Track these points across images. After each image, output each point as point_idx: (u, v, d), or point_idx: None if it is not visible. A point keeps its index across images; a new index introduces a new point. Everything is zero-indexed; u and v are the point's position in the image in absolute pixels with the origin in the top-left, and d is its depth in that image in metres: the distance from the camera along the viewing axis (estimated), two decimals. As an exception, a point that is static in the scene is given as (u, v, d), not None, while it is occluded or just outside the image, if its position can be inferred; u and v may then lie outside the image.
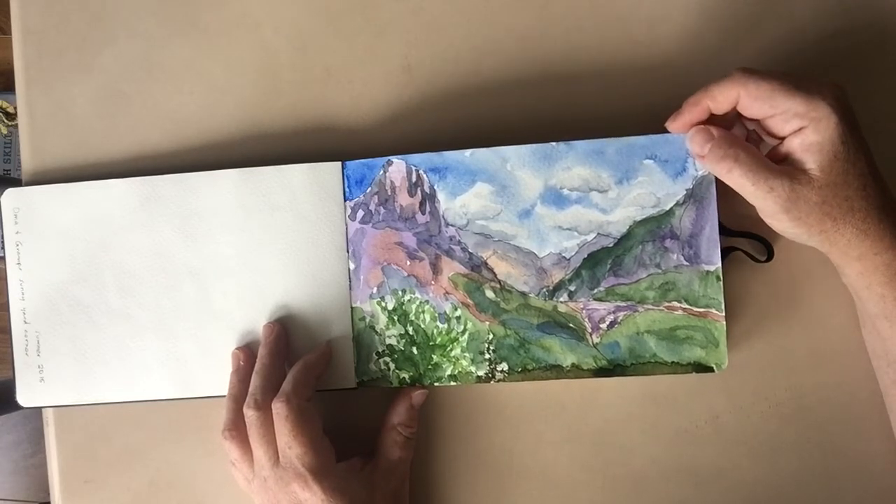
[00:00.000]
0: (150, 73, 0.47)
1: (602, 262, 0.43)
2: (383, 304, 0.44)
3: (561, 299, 0.43)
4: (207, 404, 0.46)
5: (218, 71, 0.47)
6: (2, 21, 1.21)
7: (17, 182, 0.47)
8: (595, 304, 0.43)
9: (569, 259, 0.43)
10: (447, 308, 0.44)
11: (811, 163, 0.37)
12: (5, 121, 1.19)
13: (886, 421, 0.43)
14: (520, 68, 0.46)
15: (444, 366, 0.44)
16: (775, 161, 0.39)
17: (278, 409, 0.40)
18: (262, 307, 0.45)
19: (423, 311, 0.44)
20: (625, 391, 0.45)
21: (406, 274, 0.44)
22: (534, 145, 0.43)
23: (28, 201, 0.46)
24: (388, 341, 0.44)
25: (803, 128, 0.37)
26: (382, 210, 0.44)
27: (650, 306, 0.43)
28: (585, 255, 0.43)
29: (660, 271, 0.43)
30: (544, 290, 0.43)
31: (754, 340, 0.45)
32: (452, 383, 0.44)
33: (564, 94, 0.46)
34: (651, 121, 0.43)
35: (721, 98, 0.39)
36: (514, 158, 0.43)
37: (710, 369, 0.42)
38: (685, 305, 0.42)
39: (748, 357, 0.45)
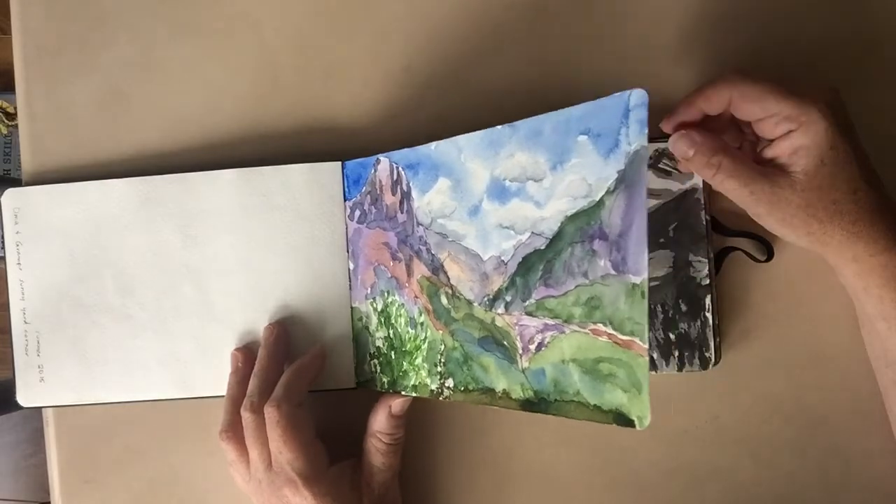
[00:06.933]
0: (150, 73, 0.47)
1: (534, 268, 0.35)
2: (374, 305, 0.43)
3: (498, 311, 0.37)
4: (207, 404, 0.45)
5: (218, 71, 0.47)
6: (2, 21, 1.21)
7: (17, 182, 0.47)
8: (526, 320, 0.36)
9: (506, 263, 0.37)
10: (415, 313, 0.41)
11: (796, 166, 0.38)
12: (5, 121, 1.19)
13: (886, 421, 0.43)
14: (520, 68, 0.46)
15: (410, 374, 0.41)
16: (764, 163, 0.39)
17: (269, 414, 0.40)
18: (261, 307, 0.45)
19: (400, 315, 0.42)
20: (625, 391, 0.45)
21: (389, 275, 0.42)
22: (482, 131, 0.37)
23: (28, 201, 0.46)
24: (377, 343, 0.43)
25: (792, 131, 0.38)
26: (373, 210, 0.43)
27: (576, 327, 0.34)
28: (520, 259, 0.36)
29: (587, 282, 0.33)
30: (486, 298, 0.37)
31: (754, 340, 0.45)
32: (414, 394, 0.41)
33: (565, 95, 0.46)
34: (650, 121, 0.43)
35: (714, 98, 0.39)
36: (467, 148, 0.38)
37: (632, 423, 0.32)
38: (610, 330, 0.32)
39: (748, 357, 0.45)
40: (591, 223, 0.33)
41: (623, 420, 0.32)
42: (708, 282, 0.43)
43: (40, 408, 0.47)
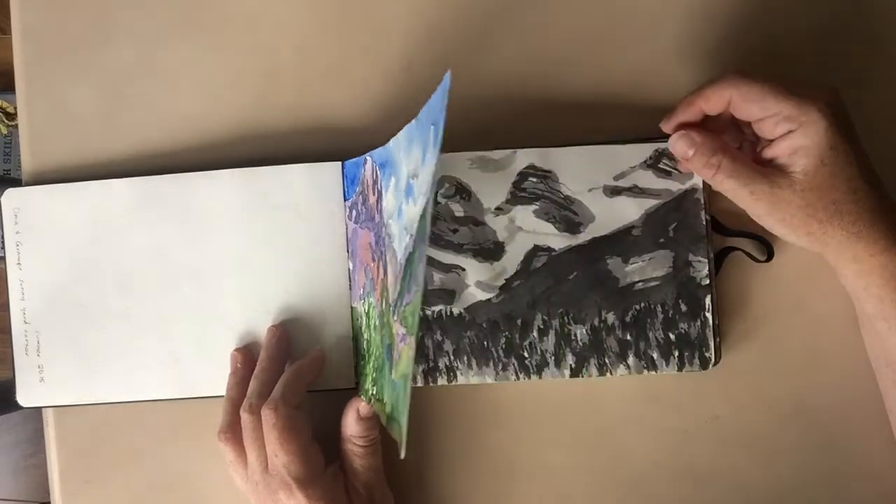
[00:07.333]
0: (150, 73, 0.47)
1: (406, 273, 0.34)
2: (364, 306, 0.43)
3: (395, 317, 0.34)
4: (208, 404, 0.45)
5: (218, 71, 0.47)
6: (2, 21, 1.21)
7: (17, 182, 0.47)
8: (400, 328, 0.33)
9: (402, 266, 0.35)
10: (377, 316, 0.40)
11: (796, 166, 0.38)
12: (5, 121, 1.19)
13: (886, 421, 0.43)
14: (520, 68, 0.46)
15: (367, 378, 0.41)
16: (763, 163, 0.39)
17: (267, 416, 0.40)
18: (262, 307, 0.45)
19: (372, 317, 0.41)
20: (625, 391, 0.45)
21: (371, 276, 0.42)
22: (408, 125, 0.35)
23: (28, 201, 0.46)
24: (363, 344, 0.43)
25: (792, 131, 0.38)
26: (364, 210, 0.43)
27: (411, 339, 0.32)
28: (404, 263, 0.34)
29: (417, 288, 0.31)
30: (394, 303, 0.35)
31: (754, 340, 0.45)
32: (364, 398, 0.41)
33: (565, 95, 0.46)
34: (648, 122, 0.43)
35: (714, 99, 0.39)
36: (404, 145, 0.36)
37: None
38: (413, 344, 0.31)
39: (748, 357, 0.45)
40: (424, 224, 0.31)
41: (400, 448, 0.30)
42: (708, 282, 0.43)
43: (40, 408, 0.47)
